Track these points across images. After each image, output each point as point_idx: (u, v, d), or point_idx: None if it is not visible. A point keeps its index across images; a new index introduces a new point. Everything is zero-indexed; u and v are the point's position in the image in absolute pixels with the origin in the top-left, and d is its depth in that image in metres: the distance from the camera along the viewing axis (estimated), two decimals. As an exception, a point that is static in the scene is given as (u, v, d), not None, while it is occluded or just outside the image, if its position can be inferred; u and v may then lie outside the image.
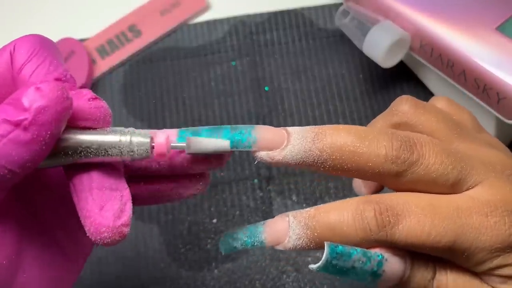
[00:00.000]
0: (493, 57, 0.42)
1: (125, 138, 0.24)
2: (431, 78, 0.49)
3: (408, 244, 0.25)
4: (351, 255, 0.25)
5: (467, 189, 0.26)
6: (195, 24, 0.56)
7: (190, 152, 0.26)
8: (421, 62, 0.48)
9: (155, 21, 0.56)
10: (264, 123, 0.51)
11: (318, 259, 0.25)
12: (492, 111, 0.43)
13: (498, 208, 0.25)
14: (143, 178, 0.28)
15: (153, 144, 0.25)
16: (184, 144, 0.25)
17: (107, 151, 0.24)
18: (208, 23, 0.56)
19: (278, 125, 0.51)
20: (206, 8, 0.57)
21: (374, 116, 0.51)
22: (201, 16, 0.57)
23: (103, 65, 0.54)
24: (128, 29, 0.55)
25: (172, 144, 0.25)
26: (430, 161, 0.25)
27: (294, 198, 0.49)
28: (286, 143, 0.26)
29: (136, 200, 0.28)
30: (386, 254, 0.25)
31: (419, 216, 0.25)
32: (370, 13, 0.48)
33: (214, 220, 0.49)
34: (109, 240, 0.24)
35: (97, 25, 0.56)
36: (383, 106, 0.52)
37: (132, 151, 0.24)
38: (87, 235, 0.24)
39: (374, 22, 0.47)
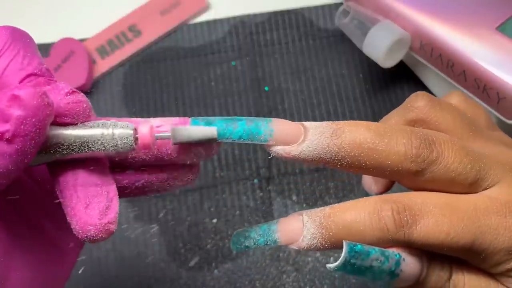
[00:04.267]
0: (493, 57, 0.42)
1: (107, 131, 0.23)
2: (431, 78, 0.49)
3: (425, 244, 0.24)
4: (369, 254, 0.24)
5: (485, 189, 0.26)
6: (195, 24, 0.56)
7: (176, 142, 0.24)
8: (421, 62, 0.48)
9: (155, 21, 0.56)
10: (264, 123, 0.51)
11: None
12: (492, 111, 0.43)
13: None
14: (131, 168, 0.27)
15: (136, 135, 0.24)
16: (169, 134, 0.24)
17: (90, 147, 0.23)
18: (208, 23, 0.56)
19: (278, 125, 0.51)
20: (206, 8, 0.57)
21: (374, 116, 0.52)
22: (201, 16, 0.56)
23: (103, 65, 0.54)
24: (128, 29, 0.55)
25: (157, 135, 0.24)
26: (449, 160, 0.25)
27: (294, 198, 0.49)
28: (303, 138, 0.25)
29: (124, 191, 0.27)
30: (403, 254, 0.25)
31: (437, 216, 0.24)
32: (370, 13, 0.48)
33: (214, 220, 0.49)
34: (96, 238, 0.23)
35: (97, 25, 0.56)
36: (383, 106, 0.52)
37: (115, 145, 0.23)
38: (74, 233, 0.24)
39: (374, 22, 0.47)
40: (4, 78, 0.23)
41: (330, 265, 0.24)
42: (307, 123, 0.26)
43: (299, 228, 0.26)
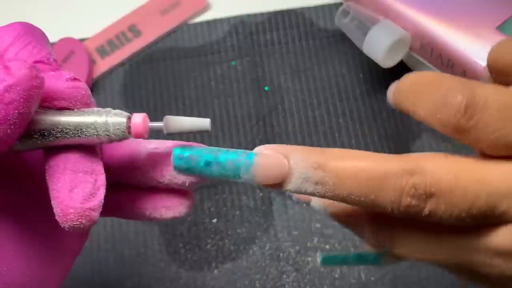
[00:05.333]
0: (493, 57, 0.42)
1: (101, 119, 0.24)
2: (431, 78, 0.49)
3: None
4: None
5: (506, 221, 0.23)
6: (195, 24, 0.56)
7: (169, 132, 0.24)
8: (421, 62, 0.48)
9: (155, 21, 0.56)
10: (264, 123, 0.51)
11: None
12: (492, 111, 0.43)
13: None
14: (127, 187, 0.28)
15: (129, 124, 0.24)
16: (162, 124, 0.24)
17: (83, 131, 0.24)
18: (208, 23, 0.56)
19: (278, 125, 0.51)
20: (206, 8, 0.57)
21: (374, 116, 0.52)
22: (201, 16, 0.57)
23: (103, 65, 0.54)
24: (128, 29, 0.55)
25: (149, 124, 0.25)
26: (446, 215, 0.22)
27: (294, 198, 0.49)
28: (288, 181, 0.23)
29: (116, 211, 0.28)
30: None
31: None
32: (370, 13, 0.48)
33: (214, 220, 0.49)
34: (76, 224, 0.23)
35: (97, 25, 0.56)
36: (383, 106, 0.52)
37: (108, 131, 0.24)
38: (55, 217, 0.23)
39: (374, 22, 0.47)
40: None
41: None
42: (291, 160, 0.23)
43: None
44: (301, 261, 0.47)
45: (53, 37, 0.55)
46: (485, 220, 0.22)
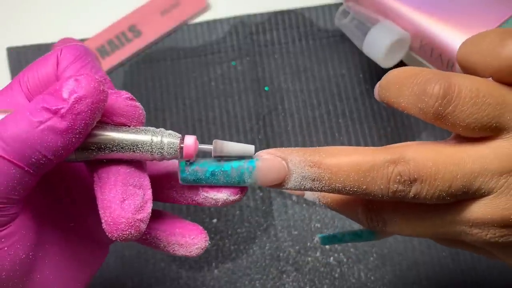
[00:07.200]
0: (493, 57, 0.42)
1: (157, 138, 0.26)
2: (431, 78, 0.49)
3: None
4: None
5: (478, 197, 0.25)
6: (195, 24, 0.56)
7: (216, 155, 0.27)
8: (421, 62, 0.48)
9: (155, 21, 0.56)
10: (264, 123, 0.51)
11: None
12: (492, 111, 0.43)
13: None
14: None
15: (182, 145, 0.26)
16: (211, 147, 0.27)
17: (139, 147, 0.25)
18: (208, 23, 0.56)
19: (278, 125, 0.51)
20: (206, 8, 0.57)
21: (374, 116, 0.52)
22: (201, 16, 0.57)
23: (103, 65, 0.54)
24: (128, 29, 0.55)
25: (200, 146, 0.27)
26: (429, 194, 0.25)
27: (294, 198, 0.49)
28: (287, 181, 0.26)
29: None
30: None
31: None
32: (370, 13, 0.48)
33: (214, 220, 0.49)
34: (126, 233, 0.24)
35: (97, 25, 0.56)
36: (383, 106, 0.52)
37: (162, 149, 0.26)
38: (104, 227, 0.25)
39: (374, 22, 0.47)
40: None
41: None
42: (290, 162, 0.26)
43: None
44: (301, 261, 0.47)
45: (53, 37, 0.55)
46: (462, 196, 0.25)
